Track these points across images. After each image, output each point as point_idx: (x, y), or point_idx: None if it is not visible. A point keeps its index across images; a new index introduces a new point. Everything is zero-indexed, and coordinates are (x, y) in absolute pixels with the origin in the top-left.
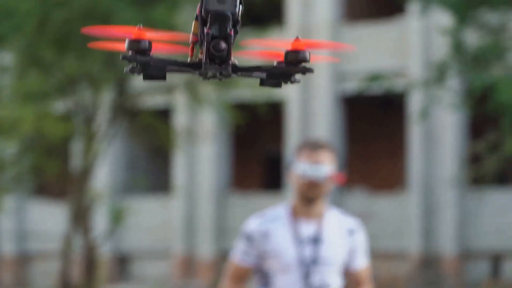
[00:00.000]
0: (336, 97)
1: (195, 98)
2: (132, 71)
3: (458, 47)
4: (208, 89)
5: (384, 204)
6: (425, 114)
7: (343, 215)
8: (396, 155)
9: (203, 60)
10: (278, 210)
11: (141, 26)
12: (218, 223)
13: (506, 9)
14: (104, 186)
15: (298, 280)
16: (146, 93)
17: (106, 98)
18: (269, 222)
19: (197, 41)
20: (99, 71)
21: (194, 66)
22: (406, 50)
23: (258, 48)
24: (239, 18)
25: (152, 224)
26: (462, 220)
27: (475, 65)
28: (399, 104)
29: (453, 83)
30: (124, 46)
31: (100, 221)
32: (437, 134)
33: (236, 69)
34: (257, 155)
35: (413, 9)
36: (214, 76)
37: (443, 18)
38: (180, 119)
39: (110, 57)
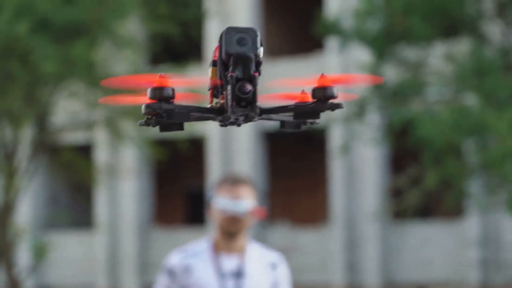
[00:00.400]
0: (257, 132)
1: (115, 134)
2: (148, 123)
3: (377, 83)
4: (128, 125)
5: (307, 238)
6: (345, 149)
7: (265, 249)
8: (318, 190)
9: (230, 103)
10: (200, 244)
11: (163, 74)
12: (141, 257)
13: (424, 45)
14: (26, 222)
15: None
16: (67, 129)
17: (27, 134)
18: (191, 257)
19: (216, 86)
20: (19, 107)
21: (216, 112)
22: None
23: (280, 88)
24: (261, 59)
25: (76, 259)
26: (385, 253)
27: (394, 100)
28: (320, 139)
29: (373, 118)
30: (139, 98)
31: (23, 256)
32: (358, 169)
33: (262, 111)
34: (179, 190)
35: (332, 45)
36: (235, 122)
37: (362, 54)
38: (101, 155)
39: (30, 93)
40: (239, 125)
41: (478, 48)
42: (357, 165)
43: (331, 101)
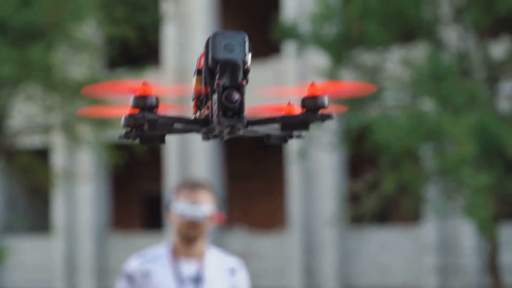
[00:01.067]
0: None
1: (72, 138)
2: (128, 136)
3: None
4: (85, 129)
5: (265, 243)
6: (303, 154)
7: (224, 254)
8: (276, 194)
9: (215, 113)
10: (158, 249)
11: (147, 82)
12: (98, 262)
13: (381, 49)
14: None
15: None
16: (24, 133)
17: None
18: (150, 262)
19: (201, 96)
20: None
21: (201, 123)
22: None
23: (265, 99)
24: (249, 66)
25: (33, 264)
26: (343, 258)
27: (351, 105)
28: (277, 144)
29: (331, 124)
30: (117, 110)
31: None
32: (316, 174)
33: (249, 122)
34: (136, 194)
35: (289, 50)
36: (219, 134)
37: (319, 59)
38: (58, 159)
39: None
40: (222, 138)
41: (435, 53)
42: (315, 170)
43: (321, 111)
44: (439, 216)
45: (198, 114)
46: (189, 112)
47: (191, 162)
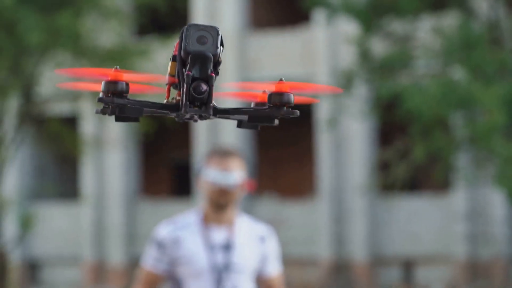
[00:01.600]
0: (244, 104)
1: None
2: (104, 112)
3: (364, 56)
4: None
5: (295, 211)
6: (333, 122)
7: (254, 222)
8: (306, 162)
9: (183, 102)
10: (188, 216)
11: (118, 68)
12: (128, 229)
13: (411, 18)
14: (13, 193)
15: (210, 286)
16: (53, 100)
17: (13, 104)
18: (180, 229)
19: (174, 83)
20: (5, 78)
21: (171, 108)
22: (312, 59)
23: (237, 89)
24: (220, 59)
25: (62, 230)
26: (373, 226)
27: (382, 73)
28: (307, 111)
29: (361, 91)
30: (96, 86)
31: (9, 227)
32: (346, 142)
33: (216, 111)
34: (165, 162)
35: (319, 17)
36: (191, 118)
37: (349, 27)
38: (87, 127)
39: (16, 64)
40: (195, 121)
41: (466, 22)
42: (345, 138)
43: (286, 107)
44: (469, 184)
45: (170, 99)
46: (164, 95)
47: (220, 130)
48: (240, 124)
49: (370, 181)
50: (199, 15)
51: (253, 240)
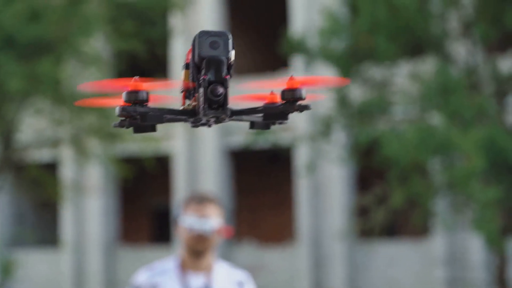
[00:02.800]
0: (222, 150)
1: (81, 152)
2: (122, 125)
3: (342, 102)
4: (94, 142)
5: (274, 257)
6: (312, 168)
7: (232, 267)
8: (284, 208)
9: (202, 105)
10: (167, 263)
11: (138, 78)
12: (107, 276)
13: (389, 64)
14: None
15: None
16: (32, 146)
17: None
18: (158, 275)
19: (189, 89)
20: None
21: (189, 114)
22: None
23: (249, 90)
24: (232, 62)
25: (42, 277)
26: (352, 271)
27: (360, 119)
28: (286, 157)
29: (339, 137)
30: (114, 101)
31: None
32: (324, 187)
33: (233, 113)
34: (145, 208)
35: (297, 64)
36: (206, 123)
37: (328, 73)
38: (66, 173)
39: None
40: (209, 126)
41: (443, 67)
42: (323, 183)
43: (299, 102)
44: (448, 229)
45: (186, 105)
46: (178, 103)
47: (199, 175)
48: (252, 125)
49: (349, 226)
50: (178, 61)
51: (231, 286)
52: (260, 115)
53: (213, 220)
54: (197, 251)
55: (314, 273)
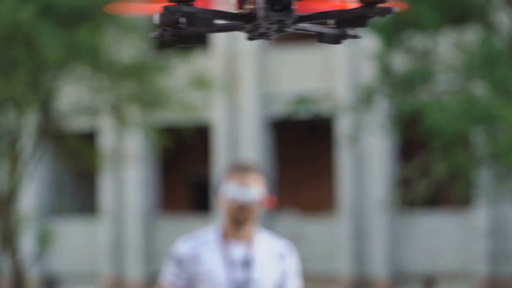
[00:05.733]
0: (263, 120)
1: (120, 121)
2: (163, 35)
3: (385, 71)
4: (133, 111)
5: (314, 227)
6: (353, 138)
7: (274, 238)
8: (326, 179)
9: (263, 5)
10: (208, 232)
11: None
12: (146, 246)
13: (432, 33)
14: (31, 209)
15: None
16: (71, 115)
17: (31, 120)
18: (199, 245)
19: None
20: (23, 93)
21: (245, 18)
22: (332, 74)
23: None
24: None
25: (80, 247)
26: (393, 243)
27: (402, 89)
28: (327, 128)
29: (381, 108)
30: (150, 7)
31: (27, 243)
32: (366, 158)
33: (300, 18)
34: (184, 178)
35: None
36: (266, 31)
37: (370, 42)
38: (105, 142)
39: (34, 79)
40: (269, 37)
41: (487, 37)
42: (365, 154)
43: (380, 5)
44: (490, 201)
45: (241, 9)
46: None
47: (240, 146)
48: (321, 38)
49: (390, 197)
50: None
51: (273, 257)
52: (333, 21)
53: (255, 190)
54: (239, 220)
55: (354, 244)
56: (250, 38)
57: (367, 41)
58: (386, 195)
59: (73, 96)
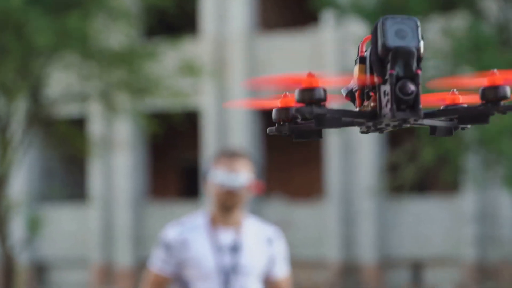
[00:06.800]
0: None
1: (109, 107)
2: (280, 130)
3: None
4: (123, 98)
5: (303, 213)
6: None
7: (262, 223)
8: (314, 165)
9: (388, 106)
10: (196, 218)
11: (312, 72)
12: (135, 231)
13: (420, 19)
14: (20, 195)
15: None
16: (61, 102)
17: (21, 106)
18: (188, 231)
19: (366, 87)
20: (12, 79)
21: (367, 116)
22: (321, 60)
23: (444, 89)
24: (423, 54)
25: (70, 233)
26: (381, 228)
27: None
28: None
29: None
30: (271, 102)
31: (17, 230)
32: (354, 144)
33: (425, 115)
34: (173, 164)
35: (327, 18)
36: (386, 127)
37: (358, 28)
38: (95, 128)
39: (24, 66)
40: (382, 132)
41: (475, 23)
42: (353, 140)
43: (503, 102)
44: (478, 186)
45: (363, 106)
46: (346, 104)
47: (228, 132)
48: (433, 131)
49: (378, 183)
50: (207, 16)
51: (261, 242)
52: (438, 122)
53: (243, 175)
54: (227, 206)
55: (343, 229)
56: (363, 132)
57: (355, 27)
58: (375, 180)
59: (62, 82)
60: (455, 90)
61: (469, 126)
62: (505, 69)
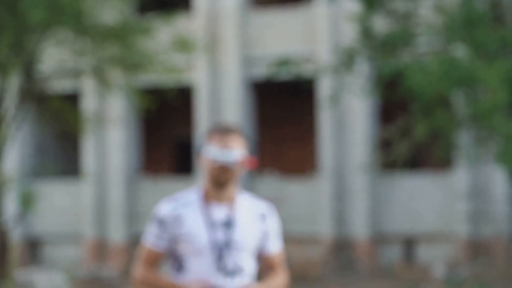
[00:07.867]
0: (245, 82)
1: (103, 83)
2: None
3: (366, 33)
4: (116, 73)
5: (296, 189)
6: (334, 100)
7: (255, 199)
8: (307, 140)
9: None
10: (189, 194)
11: None
12: (129, 207)
13: None
14: (13, 171)
15: (211, 264)
16: (54, 77)
17: (14, 82)
18: (181, 206)
19: None
20: (6, 55)
21: None
22: (314, 36)
23: None
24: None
25: (63, 208)
26: (374, 204)
27: (383, 51)
28: (308, 89)
29: (362, 69)
30: None
31: (10, 205)
32: (347, 120)
33: None
34: (167, 140)
35: None
36: None
37: (351, 4)
38: (88, 104)
39: (17, 41)
40: None
41: None
42: (346, 115)
43: None
44: (471, 162)
45: None
46: None
47: (221, 107)
48: None
49: (371, 159)
50: None
51: (254, 218)
52: None
53: (236, 151)
54: (220, 182)
55: (336, 205)
56: None
57: (349, 3)
58: (367, 156)
59: (56, 58)
60: None
61: None
62: (497, 45)
